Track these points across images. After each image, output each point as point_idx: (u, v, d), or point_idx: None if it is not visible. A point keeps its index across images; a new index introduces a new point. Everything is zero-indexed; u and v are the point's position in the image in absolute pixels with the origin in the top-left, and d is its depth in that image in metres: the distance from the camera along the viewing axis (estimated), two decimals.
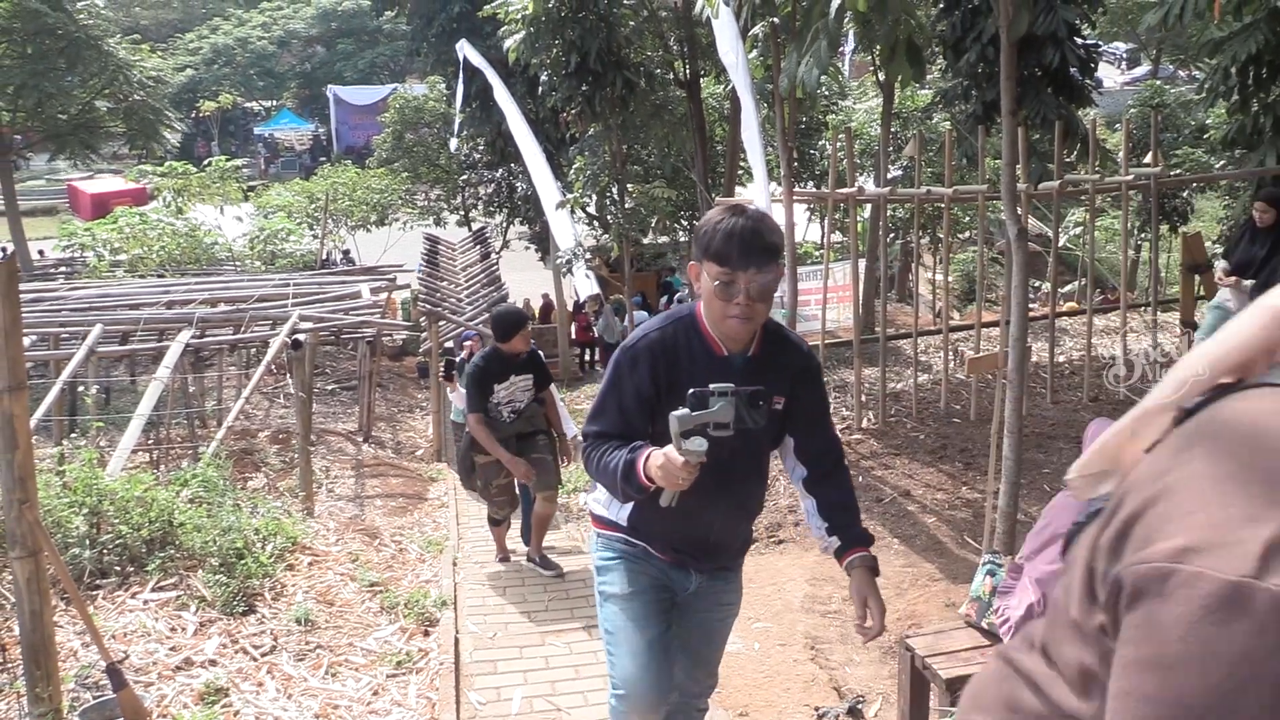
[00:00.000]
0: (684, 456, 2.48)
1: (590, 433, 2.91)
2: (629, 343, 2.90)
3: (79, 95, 25.32)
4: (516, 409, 6.20)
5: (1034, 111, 9.74)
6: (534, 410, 6.33)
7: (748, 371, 2.79)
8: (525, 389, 6.21)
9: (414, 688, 4.84)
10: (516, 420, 6.21)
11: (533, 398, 6.27)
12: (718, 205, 2.81)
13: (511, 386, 6.13)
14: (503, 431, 6.11)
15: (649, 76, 13.10)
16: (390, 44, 48.21)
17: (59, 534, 5.24)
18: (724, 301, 2.67)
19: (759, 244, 2.64)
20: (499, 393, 6.08)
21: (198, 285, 13.73)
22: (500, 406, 6.14)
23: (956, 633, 4.14)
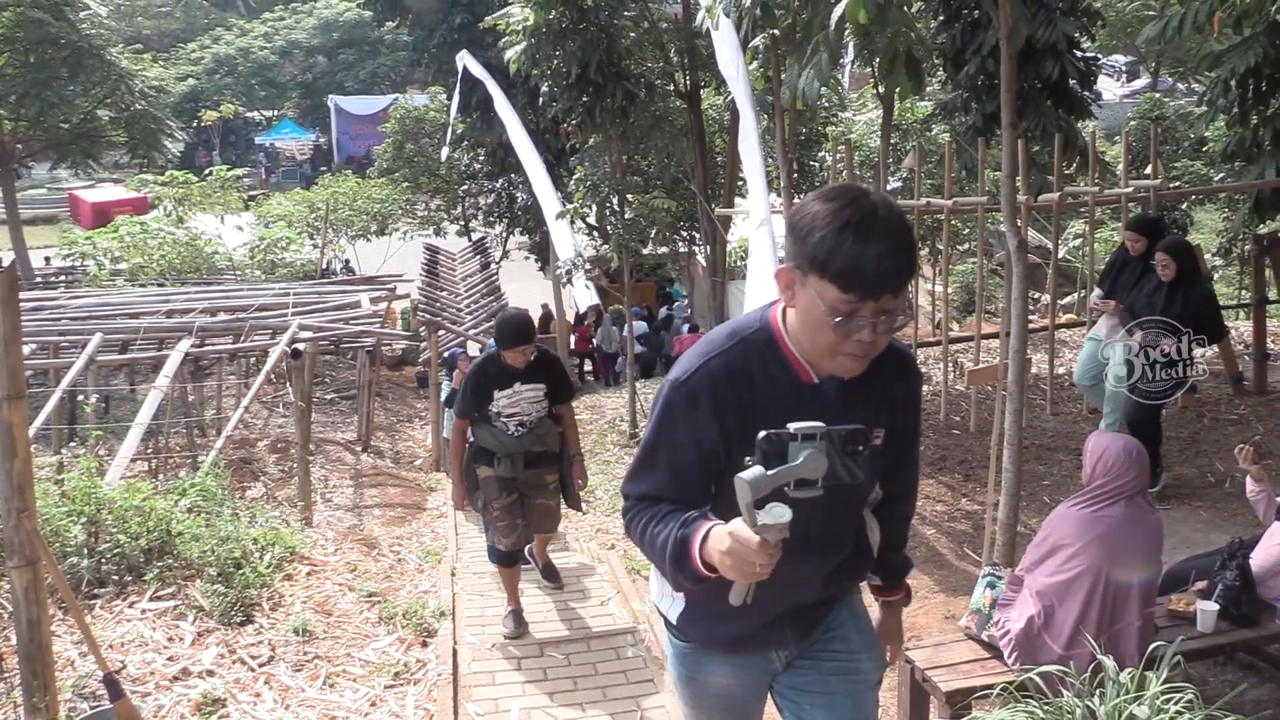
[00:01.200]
0: (760, 534, 1.78)
1: (632, 494, 2.23)
2: (682, 374, 2.15)
3: (81, 104, 25.34)
4: (525, 423, 5.43)
5: (1034, 124, 9.75)
6: (547, 427, 5.52)
7: (845, 402, 2.12)
8: (535, 400, 5.43)
9: (412, 699, 4.83)
10: (526, 435, 5.44)
11: (546, 411, 5.49)
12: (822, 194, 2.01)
13: (516, 395, 5.38)
14: (509, 447, 5.42)
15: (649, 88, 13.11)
16: (391, 54, 48.27)
17: (57, 543, 5.23)
18: (842, 336, 1.98)
19: (902, 261, 1.93)
20: (500, 400, 5.35)
21: (198, 294, 13.73)
22: (504, 417, 5.41)
23: (956, 645, 4.14)
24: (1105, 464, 3.82)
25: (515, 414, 5.41)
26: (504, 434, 5.42)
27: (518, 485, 5.56)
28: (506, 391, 5.36)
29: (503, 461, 5.44)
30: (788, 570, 1.94)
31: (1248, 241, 11.69)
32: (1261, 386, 8.81)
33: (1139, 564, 3.81)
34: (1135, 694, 3.07)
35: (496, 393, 5.36)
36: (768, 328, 2.13)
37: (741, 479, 1.77)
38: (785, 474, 1.80)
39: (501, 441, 5.42)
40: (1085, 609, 3.78)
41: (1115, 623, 3.81)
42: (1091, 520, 3.80)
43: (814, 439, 1.84)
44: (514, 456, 5.45)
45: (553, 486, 5.69)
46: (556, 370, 5.58)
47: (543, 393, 5.43)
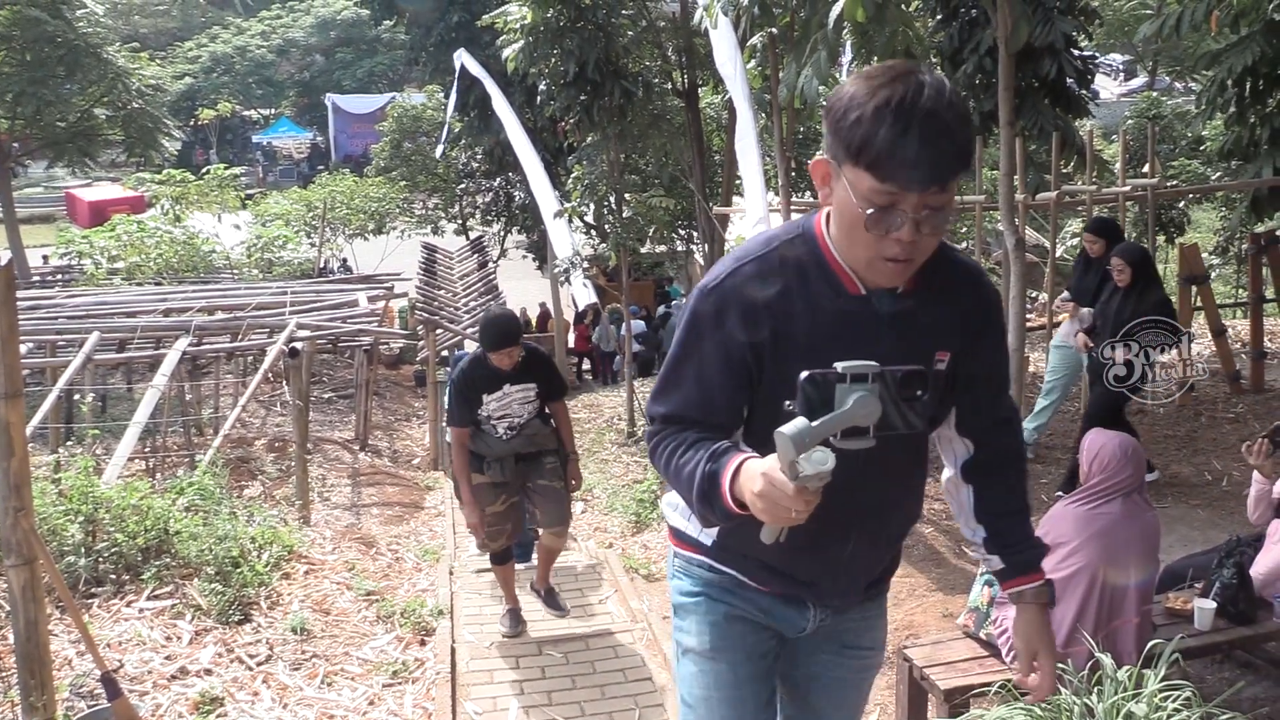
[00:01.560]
0: (798, 481, 1.58)
1: (657, 415, 1.99)
2: (711, 280, 1.94)
3: (78, 103, 25.31)
4: (515, 424, 5.23)
5: (1031, 122, 9.74)
6: (537, 428, 5.32)
7: (901, 322, 1.88)
8: (526, 400, 5.22)
9: (410, 697, 4.83)
10: (516, 438, 5.24)
11: (536, 411, 5.28)
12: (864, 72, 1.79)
13: (506, 398, 5.16)
14: (497, 450, 5.22)
15: (647, 86, 13.10)
16: (389, 53, 48.25)
17: (54, 542, 5.22)
18: (879, 234, 1.75)
19: (948, 146, 1.69)
20: (489, 404, 5.13)
21: (195, 293, 13.71)
22: (493, 420, 5.18)
23: (954, 643, 4.14)
24: (1101, 461, 3.82)
25: (505, 416, 5.20)
26: (492, 437, 5.21)
27: (511, 486, 5.36)
28: (495, 395, 5.13)
29: (492, 466, 5.25)
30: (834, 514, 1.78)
31: (1245, 240, 11.70)
32: (1258, 385, 8.82)
33: (1136, 562, 3.82)
34: (1133, 691, 3.07)
35: (485, 396, 5.13)
36: (810, 232, 1.90)
37: (782, 434, 1.55)
38: (832, 423, 1.57)
39: (490, 445, 5.22)
40: (1083, 607, 3.78)
41: (1113, 620, 3.81)
42: (1089, 518, 3.80)
43: (865, 380, 1.59)
44: (503, 460, 5.26)
45: (550, 465, 5.39)
46: (546, 367, 5.34)
47: (534, 392, 5.21)
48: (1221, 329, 8.96)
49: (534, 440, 5.31)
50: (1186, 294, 8.95)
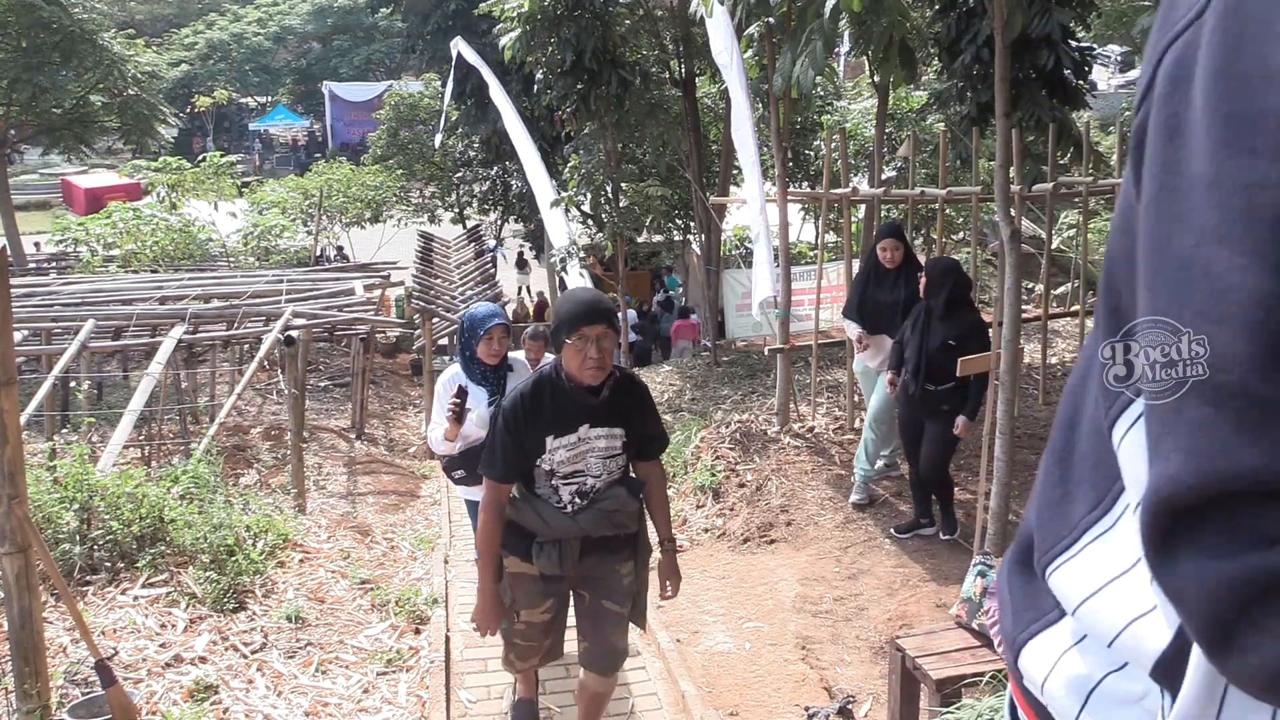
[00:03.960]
0: None
1: None
2: None
3: (73, 90, 25.22)
4: (588, 490, 3.59)
5: (1028, 114, 9.73)
6: (620, 500, 3.64)
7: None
8: (609, 453, 3.56)
9: (404, 685, 4.84)
10: (586, 511, 3.59)
11: (621, 471, 3.64)
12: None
13: (582, 445, 3.52)
14: (556, 527, 3.57)
15: (644, 75, 13.09)
16: (386, 41, 48.10)
17: (49, 529, 5.23)
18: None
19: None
20: (555, 451, 3.48)
21: (191, 281, 13.69)
22: (555, 479, 3.55)
23: (947, 633, 4.16)
24: None
25: (575, 476, 3.56)
26: (551, 506, 3.58)
27: (565, 586, 3.79)
28: (567, 439, 3.48)
29: (545, 552, 3.60)
30: None
31: None
32: None
33: None
34: None
35: (551, 439, 3.47)
36: None
37: None
38: None
39: (549, 519, 3.57)
40: None
41: None
42: None
43: None
44: (564, 545, 3.62)
45: (627, 580, 3.78)
46: (643, 406, 3.65)
47: (620, 441, 3.57)
48: None
49: (612, 519, 3.63)
50: None
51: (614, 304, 3.59)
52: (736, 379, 11.54)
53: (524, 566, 3.69)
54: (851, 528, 6.63)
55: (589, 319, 3.30)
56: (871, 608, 5.58)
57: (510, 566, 3.71)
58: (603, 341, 3.32)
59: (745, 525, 6.84)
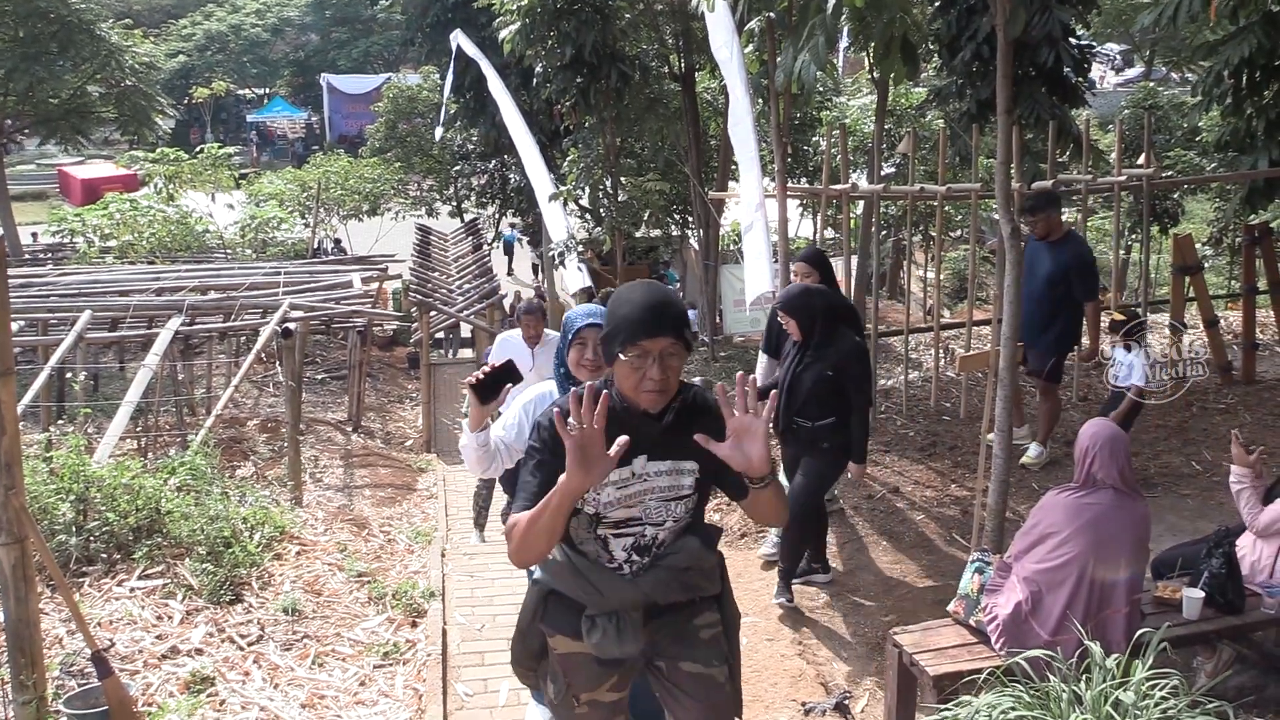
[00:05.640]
0: None
1: None
2: None
3: (70, 80, 25.17)
4: (648, 543, 2.77)
5: (1028, 111, 9.75)
6: (693, 554, 2.81)
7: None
8: (675, 493, 2.74)
9: (401, 679, 4.84)
10: (651, 575, 2.78)
11: (690, 515, 2.80)
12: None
13: (634, 484, 2.70)
14: (612, 594, 2.75)
15: (644, 70, 13.07)
16: (384, 33, 48.03)
17: (45, 521, 5.22)
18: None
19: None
20: (603, 491, 2.68)
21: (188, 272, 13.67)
22: (602, 527, 2.74)
23: (944, 630, 4.16)
24: (1078, 452, 3.85)
25: (630, 523, 2.74)
26: (605, 569, 2.78)
27: (631, 666, 2.92)
28: (618, 475, 2.66)
29: (600, 627, 2.76)
30: None
31: (1239, 231, 11.72)
32: (1250, 376, 8.84)
33: (1126, 552, 3.84)
34: (1121, 679, 3.09)
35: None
36: None
37: None
38: None
39: (601, 586, 2.76)
40: (1072, 595, 3.80)
41: (1102, 609, 3.83)
42: (1079, 508, 3.82)
43: None
44: (623, 617, 2.76)
45: (709, 634, 2.91)
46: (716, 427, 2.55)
47: (692, 479, 2.74)
48: (1214, 320, 8.98)
49: (684, 580, 2.82)
50: (1180, 284, 8.97)
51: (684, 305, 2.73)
52: (734, 374, 11.54)
53: (575, 645, 2.85)
54: (848, 524, 6.63)
55: (650, 329, 2.52)
56: (868, 604, 5.58)
57: (558, 646, 2.90)
58: (669, 359, 2.55)
59: (742, 520, 6.84)
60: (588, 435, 2.40)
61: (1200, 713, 2.98)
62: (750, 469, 2.53)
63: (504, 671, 4.95)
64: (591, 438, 2.40)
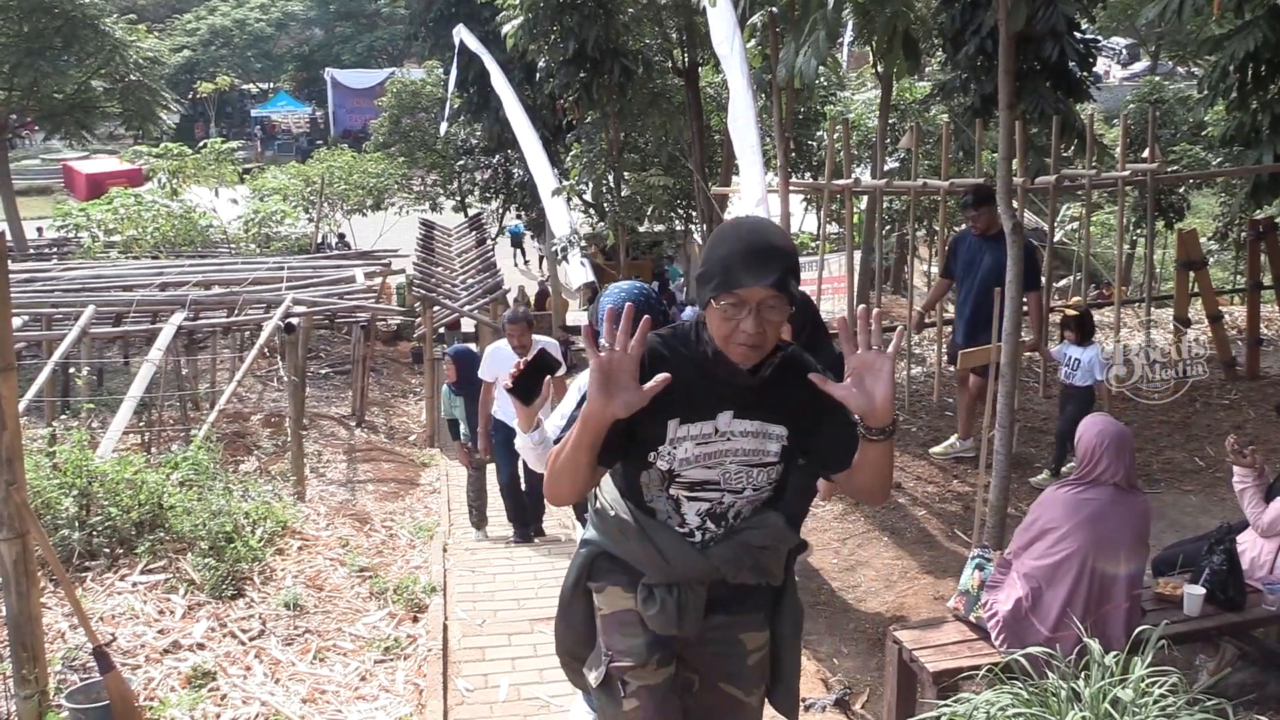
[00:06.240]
0: None
1: None
2: None
3: (75, 75, 25.21)
4: (724, 511, 2.49)
5: (1032, 105, 9.73)
6: (772, 528, 2.53)
7: None
8: (760, 458, 2.45)
9: (402, 674, 4.85)
10: (722, 543, 2.49)
11: (772, 485, 2.51)
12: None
13: (716, 441, 2.41)
14: (676, 560, 2.47)
15: (647, 64, 13.07)
16: (388, 28, 48.04)
17: (48, 515, 5.23)
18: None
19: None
20: (681, 444, 2.40)
21: (191, 267, 13.69)
22: (676, 485, 2.45)
23: (944, 626, 4.16)
24: (1083, 449, 3.85)
25: (706, 486, 2.46)
26: (674, 533, 2.50)
27: (673, 651, 2.58)
28: (699, 428, 2.40)
29: (660, 600, 2.49)
30: None
31: (1244, 226, 11.69)
32: (1254, 371, 8.82)
33: (1126, 547, 3.83)
34: (1120, 676, 3.08)
35: (675, 424, 2.38)
36: None
37: None
38: None
39: (668, 551, 2.48)
40: (1072, 592, 3.80)
41: (1102, 605, 3.83)
42: (1079, 503, 3.82)
43: None
44: (687, 590, 2.50)
45: (755, 659, 2.63)
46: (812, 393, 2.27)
47: (779, 445, 2.46)
48: (1218, 315, 8.96)
49: (758, 559, 2.53)
50: (1184, 279, 8.95)
51: (795, 249, 2.34)
52: None
53: (628, 598, 2.55)
54: (849, 519, 6.63)
55: (748, 276, 2.21)
56: (869, 600, 5.58)
57: (607, 604, 2.59)
58: (768, 312, 2.24)
59: None
60: (616, 360, 2.15)
61: (1199, 710, 2.97)
62: (873, 413, 2.22)
63: (504, 667, 4.97)
64: (620, 364, 2.16)
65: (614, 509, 2.54)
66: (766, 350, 2.31)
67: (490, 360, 6.83)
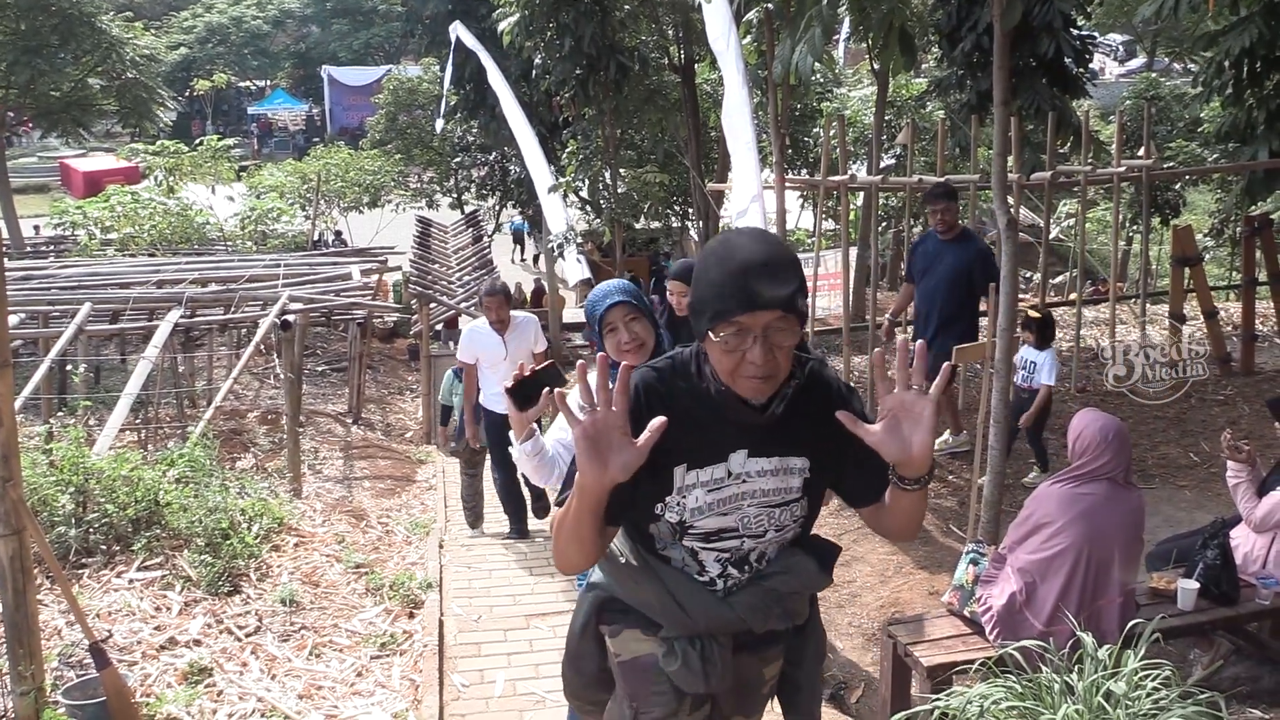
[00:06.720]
0: None
1: None
2: None
3: (72, 73, 25.18)
4: (749, 556, 2.27)
5: (1028, 102, 9.74)
6: (803, 573, 2.32)
7: None
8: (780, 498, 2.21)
9: (397, 669, 4.86)
10: (746, 590, 2.28)
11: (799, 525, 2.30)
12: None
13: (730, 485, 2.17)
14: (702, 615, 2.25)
15: (643, 61, 13.07)
16: (385, 25, 47.97)
17: (45, 512, 5.24)
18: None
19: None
20: (690, 493, 2.16)
21: (188, 265, 13.67)
22: (690, 538, 2.22)
23: (939, 621, 4.18)
24: (1084, 444, 3.85)
25: (724, 534, 2.23)
26: (694, 582, 2.27)
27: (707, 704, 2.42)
28: (710, 473, 2.16)
29: (680, 654, 2.27)
30: None
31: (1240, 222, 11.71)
32: (1249, 367, 8.84)
33: (1120, 542, 3.84)
34: (1113, 670, 3.10)
35: (682, 471, 2.15)
36: None
37: None
38: None
39: (687, 602, 2.25)
40: (1066, 586, 3.81)
41: (1096, 600, 3.84)
42: (1073, 498, 3.83)
43: None
44: (711, 644, 2.28)
45: (770, 685, 2.49)
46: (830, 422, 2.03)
47: (800, 479, 2.22)
48: (1213, 311, 8.98)
49: (786, 606, 2.33)
50: (1180, 276, 8.97)
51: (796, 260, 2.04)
52: None
53: (647, 643, 2.33)
54: (844, 514, 6.64)
55: (748, 301, 1.94)
56: (864, 594, 5.59)
57: (622, 648, 2.37)
58: (776, 336, 1.97)
59: None
60: (599, 422, 1.87)
61: (1192, 703, 2.98)
62: (909, 462, 1.97)
63: (500, 662, 4.98)
64: (605, 424, 1.87)
65: (624, 554, 2.28)
66: (780, 380, 2.05)
67: (468, 340, 6.46)
